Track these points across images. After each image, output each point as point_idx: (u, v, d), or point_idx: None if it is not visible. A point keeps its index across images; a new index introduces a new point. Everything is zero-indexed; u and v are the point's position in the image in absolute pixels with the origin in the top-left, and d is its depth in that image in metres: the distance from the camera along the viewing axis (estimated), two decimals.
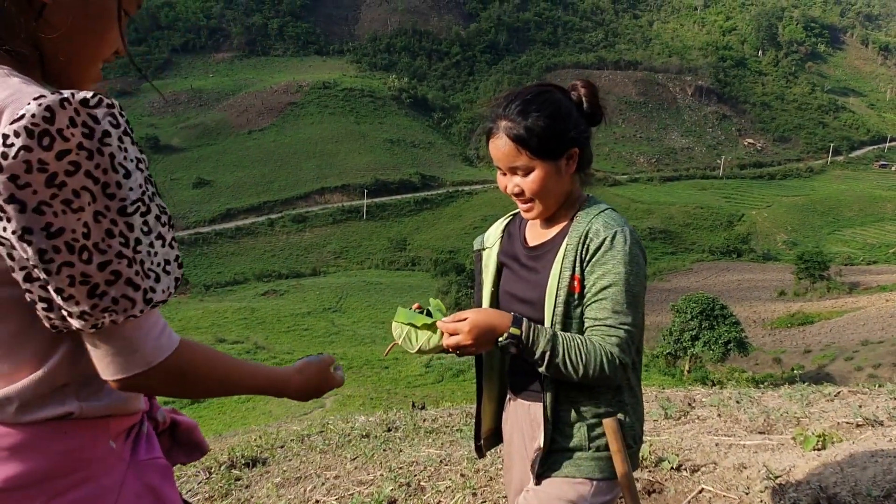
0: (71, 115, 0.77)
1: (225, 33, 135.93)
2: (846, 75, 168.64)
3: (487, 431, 1.83)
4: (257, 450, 4.80)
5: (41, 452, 0.88)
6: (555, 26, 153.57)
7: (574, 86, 1.59)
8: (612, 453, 1.52)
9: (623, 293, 1.46)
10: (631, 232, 1.51)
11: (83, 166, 0.77)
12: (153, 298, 0.85)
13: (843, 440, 2.91)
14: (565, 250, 1.52)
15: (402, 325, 1.59)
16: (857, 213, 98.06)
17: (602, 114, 1.59)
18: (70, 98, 0.77)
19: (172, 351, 0.90)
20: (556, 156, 1.52)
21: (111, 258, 0.80)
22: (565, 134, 1.52)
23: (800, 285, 62.04)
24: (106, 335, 0.84)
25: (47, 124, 0.75)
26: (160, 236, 0.86)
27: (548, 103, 1.53)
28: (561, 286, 1.50)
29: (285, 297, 59.61)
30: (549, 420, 1.55)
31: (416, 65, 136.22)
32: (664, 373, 35.40)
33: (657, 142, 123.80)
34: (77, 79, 0.96)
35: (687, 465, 2.84)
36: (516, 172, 1.55)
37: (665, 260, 79.08)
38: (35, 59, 0.90)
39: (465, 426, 4.85)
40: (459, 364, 34.54)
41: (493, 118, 1.55)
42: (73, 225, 0.77)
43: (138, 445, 1.03)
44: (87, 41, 0.93)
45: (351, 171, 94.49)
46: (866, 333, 41.08)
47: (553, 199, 1.56)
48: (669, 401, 4.52)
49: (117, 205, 0.80)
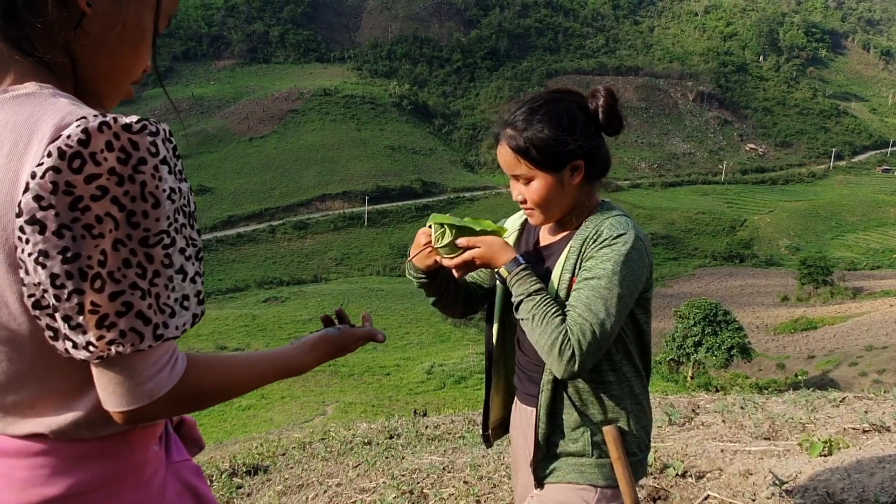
0: (109, 138, 0.76)
1: (226, 41, 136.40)
2: (848, 80, 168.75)
3: (495, 421, 1.83)
4: (259, 457, 4.77)
5: (107, 458, 0.91)
6: (555, 32, 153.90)
7: (595, 93, 1.55)
8: (613, 461, 1.50)
9: (602, 290, 1.42)
10: (636, 238, 1.47)
11: (111, 192, 0.75)
12: (164, 334, 0.83)
13: (850, 446, 2.88)
14: (568, 252, 1.51)
15: (440, 226, 1.55)
16: (859, 218, 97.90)
17: (620, 124, 1.55)
18: (111, 122, 0.76)
19: (179, 379, 0.88)
20: (557, 167, 1.50)
21: (124, 289, 0.78)
22: (566, 146, 1.48)
23: (803, 290, 61.92)
24: (110, 364, 0.82)
25: (81, 147, 0.74)
26: (182, 270, 0.84)
27: (553, 113, 1.50)
28: (560, 287, 1.50)
29: (286, 304, 59.60)
30: (540, 423, 1.54)
31: (417, 71, 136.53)
32: (667, 379, 35.31)
33: (659, 147, 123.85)
34: (109, 93, 0.95)
35: (692, 472, 2.81)
36: (519, 180, 1.55)
37: (667, 265, 78.96)
38: (70, 70, 0.89)
39: (468, 433, 4.82)
40: (461, 371, 34.46)
41: (501, 125, 1.55)
42: (91, 251, 0.76)
43: (170, 448, 1.06)
44: (122, 54, 0.92)
45: (352, 178, 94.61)
46: (870, 339, 40.94)
47: (556, 208, 1.55)
48: (673, 407, 4.49)
49: (140, 234, 0.78)
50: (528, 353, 1.66)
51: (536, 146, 1.48)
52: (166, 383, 0.86)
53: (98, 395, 0.85)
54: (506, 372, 1.83)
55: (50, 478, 0.87)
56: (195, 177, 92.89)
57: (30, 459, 0.87)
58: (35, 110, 0.79)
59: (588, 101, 1.55)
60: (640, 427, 1.57)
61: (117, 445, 0.91)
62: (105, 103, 0.96)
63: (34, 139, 0.77)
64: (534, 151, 1.49)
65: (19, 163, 0.76)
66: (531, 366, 1.66)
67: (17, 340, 0.83)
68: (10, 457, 0.87)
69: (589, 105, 1.54)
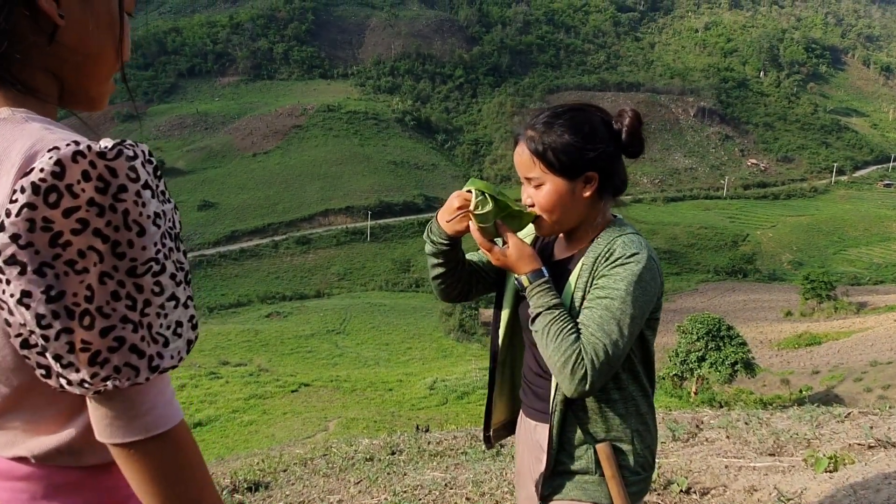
0: (85, 168, 0.72)
1: (231, 58, 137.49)
2: (848, 96, 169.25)
3: (498, 423, 1.82)
4: (260, 473, 4.75)
5: (91, 489, 0.88)
6: (557, 49, 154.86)
7: (622, 113, 1.55)
8: (607, 479, 1.50)
9: (615, 311, 1.41)
10: (649, 258, 1.46)
11: (92, 224, 0.72)
12: (160, 365, 0.79)
13: (855, 462, 2.86)
14: (580, 270, 1.51)
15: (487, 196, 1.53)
16: (862, 233, 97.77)
17: (642, 147, 1.54)
18: (85, 151, 0.72)
19: (176, 424, 0.83)
20: (571, 175, 1.49)
21: (115, 323, 0.75)
22: (584, 154, 1.48)
23: (806, 305, 61.71)
24: (107, 397, 0.79)
25: (56, 179, 0.70)
26: (173, 297, 0.80)
27: (575, 121, 1.51)
28: (573, 305, 1.49)
29: (289, 319, 59.54)
30: (553, 443, 1.54)
31: (420, 87, 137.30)
32: (671, 394, 35.14)
33: (660, 162, 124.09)
34: (96, 96, 0.92)
35: (696, 488, 2.79)
36: (531, 183, 1.54)
37: (670, 280, 78.75)
38: (52, 86, 0.86)
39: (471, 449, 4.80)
40: (464, 387, 34.31)
41: (522, 126, 1.56)
42: (76, 288, 0.72)
43: None
44: (101, 53, 0.88)
45: (355, 193, 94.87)
46: (875, 354, 40.71)
47: (564, 218, 1.54)
48: (677, 423, 4.46)
49: (127, 265, 0.74)
50: (534, 367, 1.65)
51: (553, 149, 1.48)
52: (166, 420, 0.82)
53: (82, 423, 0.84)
54: (512, 375, 1.82)
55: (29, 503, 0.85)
56: (199, 192, 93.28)
57: (12, 482, 0.85)
58: (4, 137, 0.76)
59: (613, 120, 1.55)
60: (644, 446, 1.56)
61: (101, 477, 0.88)
62: (97, 106, 0.93)
63: (2, 169, 0.74)
64: (550, 154, 1.48)
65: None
66: (538, 380, 1.65)
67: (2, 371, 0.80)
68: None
69: (614, 124, 1.54)
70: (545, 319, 1.46)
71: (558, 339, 1.42)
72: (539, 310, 1.47)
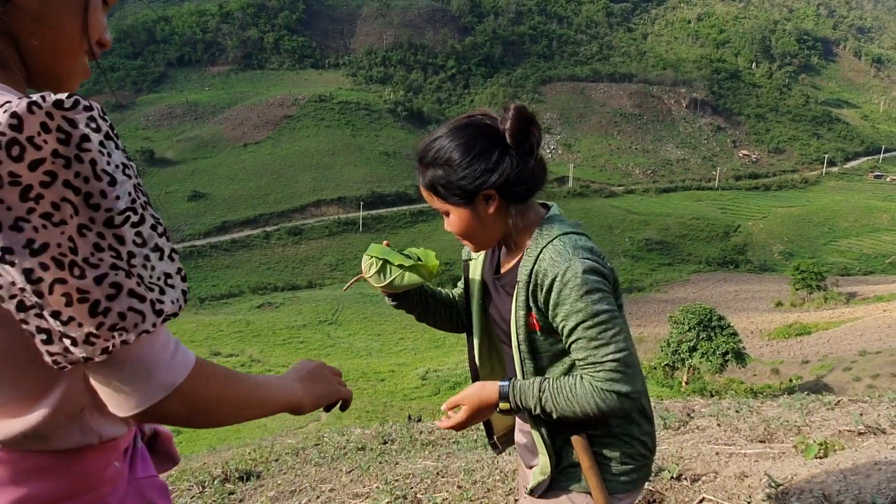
0: (43, 119, 0.71)
1: (221, 47, 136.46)
2: (839, 87, 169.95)
3: (503, 429, 1.79)
4: (251, 463, 4.74)
5: (62, 474, 0.86)
6: (550, 39, 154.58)
7: (506, 111, 1.44)
8: (584, 470, 1.49)
9: (593, 326, 1.37)
10: (581, 260, 1.37)
11: (60, 176, 0.71)
12: (163, 310, 0.78)
13: (846, 448, 2.88)
14: (518, 288, 1.46)
15: (376, 259, 1.59)
16: (852, 224, 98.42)
17: (531, 143, 1.42)
18: (40, 102, 0.71)
19: (191, 369, 0.83)
20: (467, 200, 1.44)
21: (106, 271, 0.73)
22: (469, 180, 1.41)
23: (797, 296, 62.16)
24: (117, 361, 0.77)
25: (15, 132, 0.69)
26: (157, 248, 0.79)
27: (455, 145, 1.43)
28: (519, 325, 1.47)
29: (281, 310, 59.47)
30: (548, 446, 1.53)
31: (412, 78, 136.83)
32: (662, 384, 35.34)
33: (653, 153, 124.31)
34: (64, 73, 0.89)
35: (687, 475, 2.80)
36: (441, 212, 1.52)
37: (662, 271, 79.15)
38: (13, 56, 0.83)
39: (462, 438, 4.80)
40: (456, 377, 34.41)
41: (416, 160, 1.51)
42: (58, 239, 0.71)
43: (135, 463, 1.01)
44: (67, 26, 0.84)
45: (347, 184, 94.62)
46: (864, 344, 41.08)
47: (482, 238, 1.50)
48: (668, 411, 4.48)
49: (103, 216, 0.73)
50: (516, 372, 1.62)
51: (440, 183, 1.44)
52: (182, 369, 0.81)
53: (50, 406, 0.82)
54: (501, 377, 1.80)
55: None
56: (189, 182, 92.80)
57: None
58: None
59: (498, 124, 1.44)
60: (630, 438, 1.53)
61: (73, 461, 0.86)
62: (67, 86, 0.90)
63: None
64: (439, 188, 1.45)
65: None
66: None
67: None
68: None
69: (499, 128, 1.43)
70: (548, 404, 1.43)
71: (574, 402, 1.40)
72: (536, 405, 1.44)
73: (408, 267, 1.59)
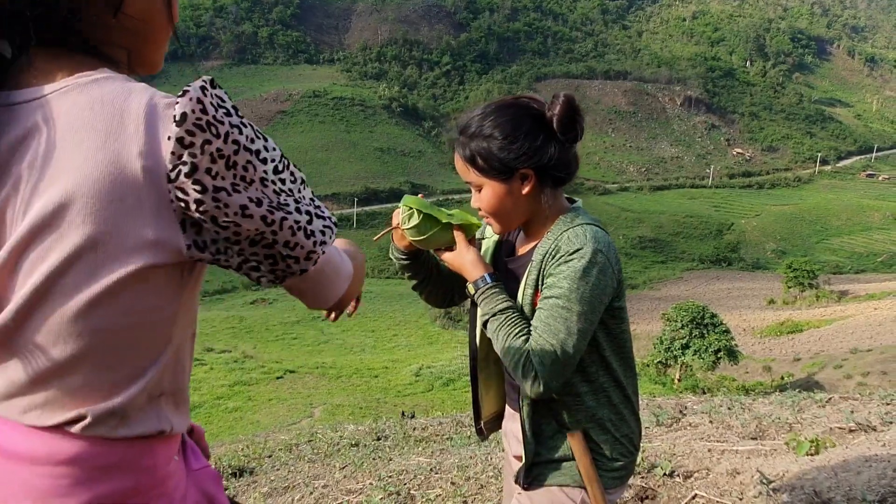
0: (211, 100, 0.82)
1: (215, 41, 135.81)
2: (833, 86, 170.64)
3: (489, 415, 1.79)
4: (244, 459, 4.73)
5: (132, 470, 0.89)
6: (545, 36, 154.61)
7: (554, 100, 1.48)
8: (581, 466, 1.50)
9: (561, 309, 1.40)
10: (594, 251, 1.41)
11: (241, 142, 0.83)
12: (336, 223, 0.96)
13: (837, 445, 2.89)
14: (530, 267, 1.49)
15: (417, 211, 1.56)
16: (844, 223, 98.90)
17: (577, 132, 1.48)
18: (206, 85, 0.83)
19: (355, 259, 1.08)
20: (505, 176, 1.47)
21: (292, 203, 0.89)
22: (512, 154, 1.44)
23: (789, 294, 62.41)
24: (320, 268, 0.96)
25: (205, 115, 0.81)
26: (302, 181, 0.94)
27: (501, 120, 1.46)
28: (525, 302, 1.49)
29: (274, 306, 59.27)
30: (527, 432, 1.54)
31: (407, 74, 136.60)
32: (655, 381, 35.42)
33: (647, 151, 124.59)
34: (159, 59, 1.00)
35: (680, 471, 2.81)
36: (473, 187, 1.54)
37: (655, 269, 79.35)
38: (123, 55, 0.93)
39: (456, 434, 4.81)
40: (449, 373, 34.42)
41: (457, 132, 1.54)
42: (260, 194, 0.85)
43: (188, 456, 1.06)
44: (162, 22, 0.95)
45: (341, 180, 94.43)
46: (855, 342, 41.32)
47: (510, 217, 1.53)
48: (661, 408, 4.49)
49: (270, 167, 0.87)
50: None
51: (482, 154, 1.46)
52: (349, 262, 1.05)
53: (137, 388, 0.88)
54: (498, 368, 1.79)
55: (71, 488, 0.85)
56: None
57: (53, 468, 0.85)
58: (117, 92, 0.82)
59: (547, 108, 1.48)
60: (620, 434, 1.55)
61: (143, 454, 0.90)
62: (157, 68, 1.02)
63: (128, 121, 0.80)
64: (479, 160, 1.47)
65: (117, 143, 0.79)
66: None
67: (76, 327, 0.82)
68: (34, 464, 0.85)
69: (546, 112, 1.47)
70: (493, 325, 1.47)
71: (507, 344, 1.43)
72: (486, 316, 1.48)
73: (456, 225, 1.56)
